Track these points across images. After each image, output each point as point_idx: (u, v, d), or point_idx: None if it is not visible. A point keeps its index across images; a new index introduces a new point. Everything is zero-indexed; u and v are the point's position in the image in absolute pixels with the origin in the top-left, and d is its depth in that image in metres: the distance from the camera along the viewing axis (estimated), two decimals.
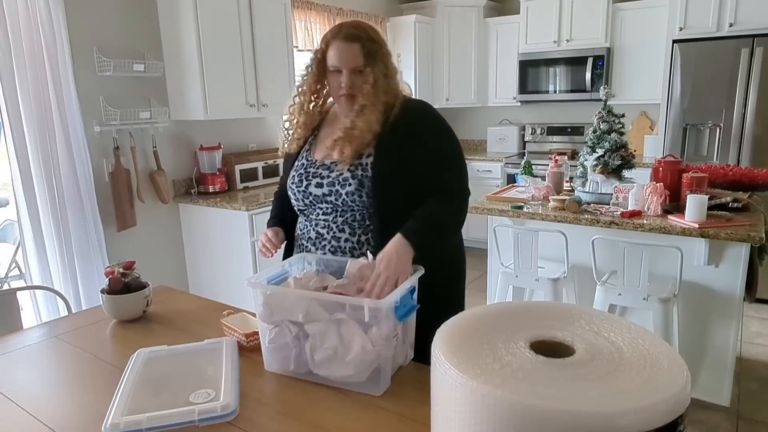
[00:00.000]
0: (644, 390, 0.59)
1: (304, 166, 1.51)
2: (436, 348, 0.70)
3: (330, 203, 1.46)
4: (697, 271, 2.44)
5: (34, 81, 2.52)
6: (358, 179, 1.40)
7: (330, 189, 1.44)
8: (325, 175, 1.45)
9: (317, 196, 1.46)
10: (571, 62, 4.60)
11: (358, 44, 1.38)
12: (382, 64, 1.41)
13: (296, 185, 1.50)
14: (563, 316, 0.78)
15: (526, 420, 0.57)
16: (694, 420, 2.43)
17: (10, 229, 3.34)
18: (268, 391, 1.16)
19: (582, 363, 0.65)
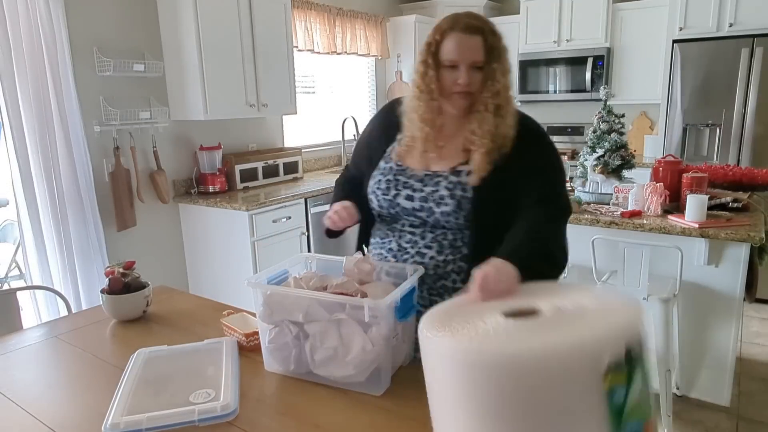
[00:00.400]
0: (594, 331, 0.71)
1: (392, 171, 1.34)
2: (421, 327, 0.81)
3: (419, 218, 1.32)
4: (697, 271, 2.44)
5: (34, 81, 2.52)
6: (456, 200, 1.25)
7: (422, 205, 1.30)
8: (418, 188, 1.30)
9: (405, 209, 1.32)
10: (571, 62, 4.60)
11: (480, 37, 1.21)
12: (503, 61, 1.24)
13: (382, 192, 1.34)
14: (537, 290, 0.92)
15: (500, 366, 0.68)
16: (694, 420, 2.43)
17: (10, 229, 3.34)
18: (268, 391, 1.16)
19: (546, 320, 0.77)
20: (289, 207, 3.25)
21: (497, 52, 1.23)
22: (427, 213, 1.30)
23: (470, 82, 1.22)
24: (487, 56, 1.22)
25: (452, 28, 1.23)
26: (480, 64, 1.22)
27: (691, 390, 2.57)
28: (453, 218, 1.28)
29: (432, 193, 1.29)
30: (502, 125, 1.24)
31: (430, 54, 1.25)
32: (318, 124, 4.45)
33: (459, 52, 1.21)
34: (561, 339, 0.70)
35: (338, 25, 4.30)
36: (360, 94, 4.88)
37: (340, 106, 4.64)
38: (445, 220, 1.29)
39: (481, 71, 1.23)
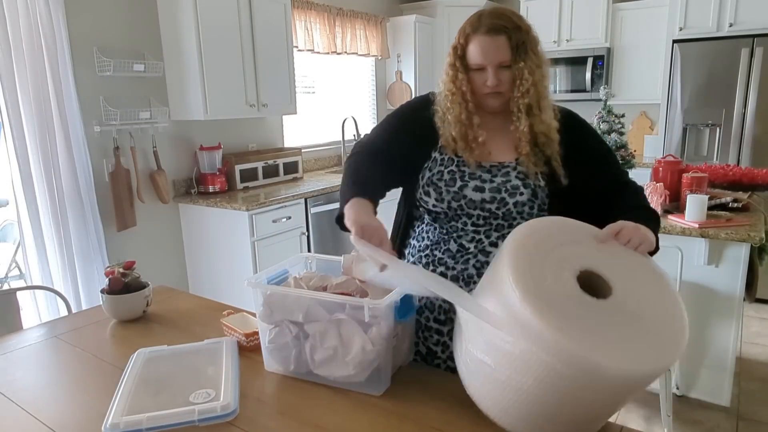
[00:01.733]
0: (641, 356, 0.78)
1: (454, 162, 1.29)
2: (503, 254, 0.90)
3: (488, 211, 1.27)
4: (697, 271, 2.44)
5: (34, 81, 2.52)
6: (531, 189, 1.24)
7: (493, 195, 1.25)
8: (487, 179, 1.27)
9: (473, 201, 1.26)
10: (571, 62, 4.60)
11: (504, 36, 1.19)
12: (533, 55, 1.21)
13: (446, 184, 1.28)
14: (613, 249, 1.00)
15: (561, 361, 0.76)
16: (694, 420, 2.43)
17: (10, 229, 3.34)
18: (268, 391, 1.16)
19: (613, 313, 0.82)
20: (289, 207, 3.25)
21: (524, 48, 1.20)
22: (499, 204, 1.25)
23: (499, 83, 1.22)
24: (513, 55, 1.19)
25: (476, 30, 1.21)
26: (507, 64, 1.20)
27: (691, 390, 2.57)
28: (528, 208, 1.25)
29: (504, 183, 1.25)
30: (538, 123, 1.23)
31: (457, 57, 1.25)
32: (318, 124, 4.45)
33: (484, 54, 1.20)
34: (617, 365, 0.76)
35: (338, 25, 4.30)
36: (360, 94, 4.88)
37: (340, 106, 4.64)
38: (518, 211, 1.25)
39: (509, 69, 1.21)
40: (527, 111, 1.22)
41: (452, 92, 1.27)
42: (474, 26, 1.21)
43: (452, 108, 1.27)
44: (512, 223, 1.27)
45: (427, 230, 1.36)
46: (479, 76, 1.23)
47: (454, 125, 1.28)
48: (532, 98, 1.22)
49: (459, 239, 1.29)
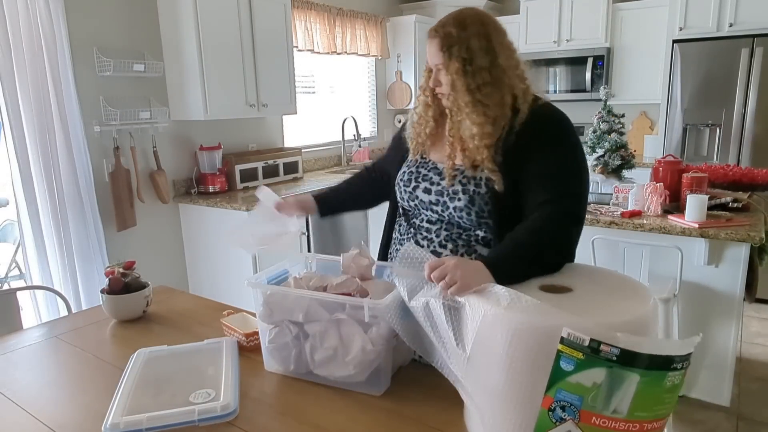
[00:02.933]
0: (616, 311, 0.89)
1: (416, 164, 1.38)
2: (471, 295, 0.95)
3: (436, 213, 1.33)
4: (697, 271, 2.44)
5: (34, 81, 2.52)
6: (469, 195, 1.25)
7: (438, 198, 1.30)
8: (436, 182, 1.31)
9: (423, 201, 1.34)
10: (571, 62, 4.60)
11: (437, 40, 1.24)
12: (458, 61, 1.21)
13: (404, 184, 1.38)
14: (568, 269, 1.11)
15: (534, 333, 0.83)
16: (694, 420, 2.43)
17: (10, 229, 3.34)
18: (268, 391, 1.16)
19: (576, 297, 0.95)
20: None
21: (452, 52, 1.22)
22: (442, 207, 1.30)
23: (438, 84, 1.27)
24: (444, 59, 1.23)
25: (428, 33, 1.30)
26: (440, 66, 1.25)
27: (691, 390, 2.57)
28: (465, 214, 1.26)
29: (448, 187, 1.29)
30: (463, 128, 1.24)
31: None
32: (318, 124, 4.45)
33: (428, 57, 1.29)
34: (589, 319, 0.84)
35: (338, 25, 4.30)
36: (360, 94, 4.88)
37: (340, 106, 4.64)
38: (458, 216, 1.28)
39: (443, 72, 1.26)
40: (450, 114, 1.27)
41: (421, 88, 1.38)
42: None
43: (417, 103, 1.39)
44: (459, 225, 1.30)
45: (400, 223, 1.46)
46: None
47: (414, 116, 1.40)
48: (453, 102, 1.25)
49: (416, 236, 1.38)
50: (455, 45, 1.22)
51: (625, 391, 0.77)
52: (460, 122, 1.25)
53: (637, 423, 0.77)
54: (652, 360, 0.75)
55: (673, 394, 0.77)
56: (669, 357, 0.74)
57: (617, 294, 0.95)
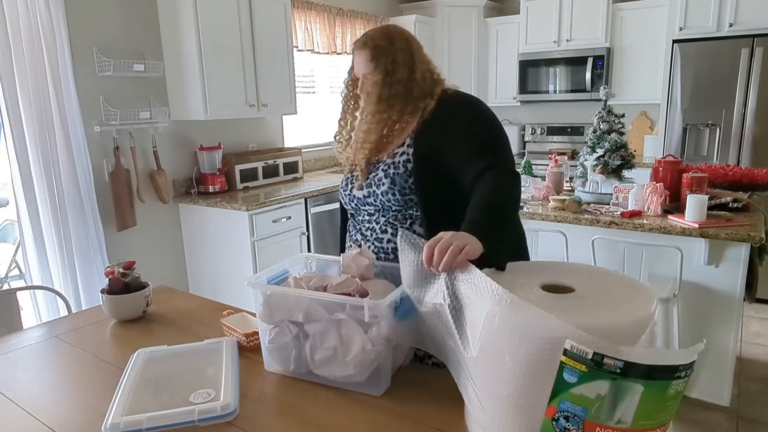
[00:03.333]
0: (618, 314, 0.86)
1: (350, 170, 1.52)
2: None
3: (371, 205, 1.45)
4: (697, 271, 2.44)
5: (34, 81, 2.52)
6: (390, 178, 1.39)
7: (369, 191, 1.43)
8: (366, 178, 1.45)
9: (359, 198, 1.47)
10: (571, 62, 4.60)
11: (365, 51, 1.39)
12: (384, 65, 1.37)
13: (343, 189, 1.52)
14: (569, 268, 1.07)
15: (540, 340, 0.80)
16: (694, 420, 2.43)
17: (10, 229, 3.34)
18: (268, 391, 1.16)
19: (579, 297, 0.93)
20: (289, 207, 3.25)
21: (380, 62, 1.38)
22: (373, 197, 1.42)
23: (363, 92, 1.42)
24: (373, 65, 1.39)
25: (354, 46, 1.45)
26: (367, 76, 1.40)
27: (691, 390, 2.57)
28: (391, 195, 1.39)
29: (373, 177, 1.42)
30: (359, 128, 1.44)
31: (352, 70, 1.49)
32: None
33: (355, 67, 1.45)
34: (591, 321, 0.83)
35: (338, 25, 4.30)
36: None
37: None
38: (386, 200, 1.40)
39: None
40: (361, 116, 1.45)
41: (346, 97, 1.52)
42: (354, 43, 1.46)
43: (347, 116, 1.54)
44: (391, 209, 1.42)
45: (349, 224, 1.56)
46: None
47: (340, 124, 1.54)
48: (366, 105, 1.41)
49: (360, 230, 1.49)
50: (382, 57, 1.38)
51: (629, 402, 0.77)
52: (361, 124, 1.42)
53: (641, 431, 0.78)
54: (656, 370, 0.74)
55: (676, 401, 0.78)
56: (673, 366, 0.74)
57: (620, 294, 0.94)
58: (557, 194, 2.87)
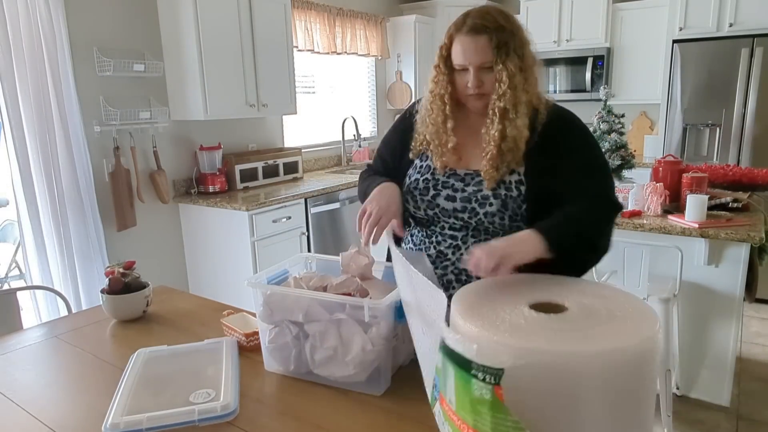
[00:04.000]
0: (618, 336, 0.75)
1: (431, 170, 1.30)
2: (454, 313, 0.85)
3: (461, 220, 1.27)
4: (697, 271, 2.44)
5: (34, 81, 2.52)
6: (501, 199, 1.22)
7: (464, 205, 1.25)
8: (459, 188, 1.26)
9: (446, 210, 1.27)
10: (571, 62, 4.60)
11: (485, 36, 1.17)
12: (515, 57, 1.18)
13: (420, 193, 1.29)
14: (558, 283, 0.96)
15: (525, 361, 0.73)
16: (694, 420, 2.43)
17: (10, 229, 3.34)
18: (268, 391, 1.16)
19: (573, 318, 0.82)
20: (289, 207, 3.25)
21: (506, 49, 1.17)
22: (470, 214, 1.25)
23: (480, 84, 1.20)
24: (494, 56, 1.17)
25: (459, 30, 1.20)
26: (489, 65, 1.18)
27: (691, 390, 2.57)
28: (498, 218, 1.23)
29: (475, 193, 1.25)
30: (511, 128, 1.19)
31: (442, 58, 1.24)
32: (318, 124, 4.45)
33: (465, 55, 1.19)
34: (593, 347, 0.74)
35: (338, 25, 4.30)
36: (360, 94, 4.88)
37: (340, 106, 4.64)
38: (489, 221, 1.24)
39: (491, 71, 1.19)
40: (501, 114, 1.20)
41: (433, 93, 1.27)
42: (458, 26, 1.21)
43: (431, 109, 1.28)
44: (488, 231, 1.26)
45: (412, 233, 1.38)
46: (462, 76, 1.22)
47: (429, 127, 1.29)
48: (508, 102, 1.18)
49: (438, 245, 1.31)
50: (510, 40, 1.18)
51: (450, 382, 0.77)
52: (514, 121, 1.19)
53: (465, 424, 0.76)
54: (457, 357, 0.74)
55: (487, 410, 0.72)
56: (467, 360, 0.72)
57: (617, 314, 0.84)
58: None
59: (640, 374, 0.75)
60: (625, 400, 0.75)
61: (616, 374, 0.73)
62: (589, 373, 0.72)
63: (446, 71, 1.24)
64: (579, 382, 0.72)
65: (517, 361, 0.73)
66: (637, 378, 0.75)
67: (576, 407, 0.73)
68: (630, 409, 0.76)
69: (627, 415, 0.76)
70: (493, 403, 0.72)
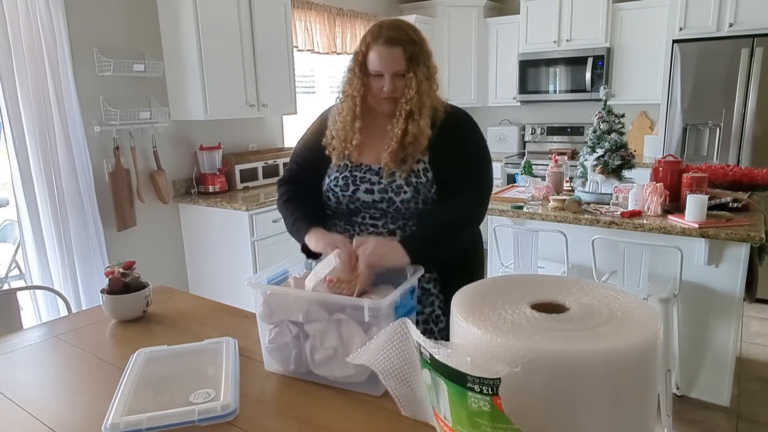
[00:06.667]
0: (619, 336, 0.75)
1: (348, 168, 1.44)
2: (454, 313, 0.85)
3: (380, 209, 1.42)
4: (697, 271, 2.44)
5: (34, 81, 2.52)
6: (413, 186, 1.38)
7: (382, 196, 1.40)
8: (375, 181, 1.41)
9: (366, 202, 1.42)
10: (571, 62, 4.60)
11: (399, 48, 1.33)
12: (423, 67, 1.37)
13: (341, 189, 1.43)
14: (558, 283, 0.96)
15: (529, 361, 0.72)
16: (694, 420, 2.43)
17: (10, 229, 3.34)
18: (268, 391, 1.16)
19: (575, 318, 0.82)
20: None
21: (417, 60, 1.34)
22: (388, 203, 1.40)
23: (394, 89, 1.36)
24: (407, 65, 1.34)
25: (375, 40, 1.34)
26: (401, 73, 1.34)
27: (691, 390, 2.57)
28: (414, 204, 1.38)
29: (390, 183, 1.39)
30: (413, 126, 1.36)
31: (357, 63, 1.38)
32: None
33: (382, 63, 1.34)
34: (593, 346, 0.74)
35: (338, 25, 4.30)
36: None
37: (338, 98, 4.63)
38: (405, 208, 1.39)
39: (403, 78, 1.35)
40: (407, 115, 1.36)
41: (345, 94, 1.42)
42: (374, 36, 1.35)
43: (342, 108, 1.43)
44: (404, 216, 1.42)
45: (335, 223, 1.51)
46: (377, 81, 1.37)
47: (339, 125, 1.43)
48: (414, 105, 1.35)
49: (360, 232, 1.45)
50: (419, 53, 1.35)
51: (443, 398, 0.77)
52: (418, 122, 1.36)
53: None
54: (451, 371, 0.73)
55: (488, 421, 0.72)
56: (461, 373, 0.72)
57: (618, 313, 0.84)
58: (557, 194, 2.87)
59: (641, 373, 0.75)
60: (627, 399, 0.75)
61: (618, 373, 0.73)
62: (591, 372, 0.72)
63: (361, 75, 1.38)
64: (581, 381, 0.72)
65: (512, 367, 0.72)
66: (638, 377, 0.75)
67: (578, 406, 0.73)
68: (632, 407, 0.76)
69: (629, 414, 0.76)
70: (492, 414, 0.72)
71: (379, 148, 1.42)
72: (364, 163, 1.44)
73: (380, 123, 1.44)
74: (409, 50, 1.34)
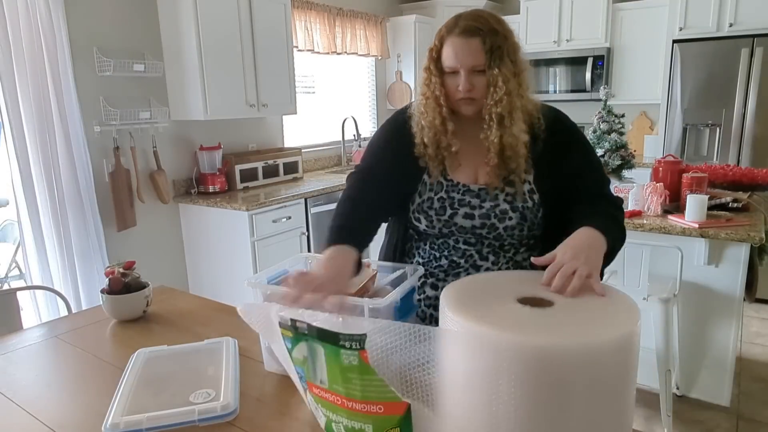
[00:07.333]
0: (601, 329, 0.79)
1: (444, 188, 1.26)
2: (443, 306, 0.87)
3: (478, 235, 1.26)
4: (697, 271, 2.44)
5: (34, 81, 2.52)
6: (519, 212, 1.21)
7: (483, 222, 1.23)
8: (476, 205, 1.23)
9: (464, 227, 1.25)
10: (571, 62, 4.60)
11: (478, 38, 1.13)
12: (509, 62, 1.15)
13: (436, 213, 1.26)
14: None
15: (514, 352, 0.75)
16: (694, 420, 2.43)
17: (10, 229, 3.34)
18: (268, 391, 1.16)
19: (558, 312, 0.85)
20: (289, 207, 3.25)
21: (499, 53, 1.13)
22: (489, 229, 1.23)
23: (471, 88, 1.16)
24: (487, 59, 1.13)
25: (450, 31, 1.16)
26: (481, 68, 1.14)
27: (691, 390, 2.57)
28: (518, 231, 1.23)
29: (493, 208, 1.22)
30: (507, 135, 1.17)
31: (432, 60, 1.20)
32: (318, 124, 4.46)
33: (456, 57, 1.15)
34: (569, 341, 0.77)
35: (338, 25, 4.30)
36: (360, 94, 4.88)
37: (340, 106, 4.64)
38: (508, 234, 1.23)
39: (484, 74, 1.15)
40: (499, 121, 1.16)
41: (426, 96, 1.22)
42: (450, 28, 1.16)
43: (425, 112, 1.23)
44: (504, 242, 1.26)
45: (417, 246, 1.36)
46: (453, 79, 1.18)
47: (427, 130, 1.23)
48: (504, 108, 1.15)
49: (450, 256, 1.29)
50: (503, 44, 1.14)
51: (320, 363, 0.87)
52: (510, 129, 1.16)
53: (338, 396, 0.87)
54: (324, 334, 0.84)
55: (357, 374, 0.82)
56: (334, 333, 0.82)
57: (601, 309, 0.87)
58: None
59: (622, 365, 0.79)
60: (605, 391, 0.78)
61: (599, 365, 0.76)
62: (573, 363, 0.75)
63: (437, 73, 1.20)
64: (564, 372, 0.75)
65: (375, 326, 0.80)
66: (619, 369, 0.79)
67: (561, 397, 0.76)
68: (612, 398, 0.79)
69: (608, 406, 0.79)
70: (360, 367, 0.82)
71: (474, 162, 1.25)
72: (462, 182, 1.26)
73: (467, 130, 1.24)
74: (489, 41, 1.12)
